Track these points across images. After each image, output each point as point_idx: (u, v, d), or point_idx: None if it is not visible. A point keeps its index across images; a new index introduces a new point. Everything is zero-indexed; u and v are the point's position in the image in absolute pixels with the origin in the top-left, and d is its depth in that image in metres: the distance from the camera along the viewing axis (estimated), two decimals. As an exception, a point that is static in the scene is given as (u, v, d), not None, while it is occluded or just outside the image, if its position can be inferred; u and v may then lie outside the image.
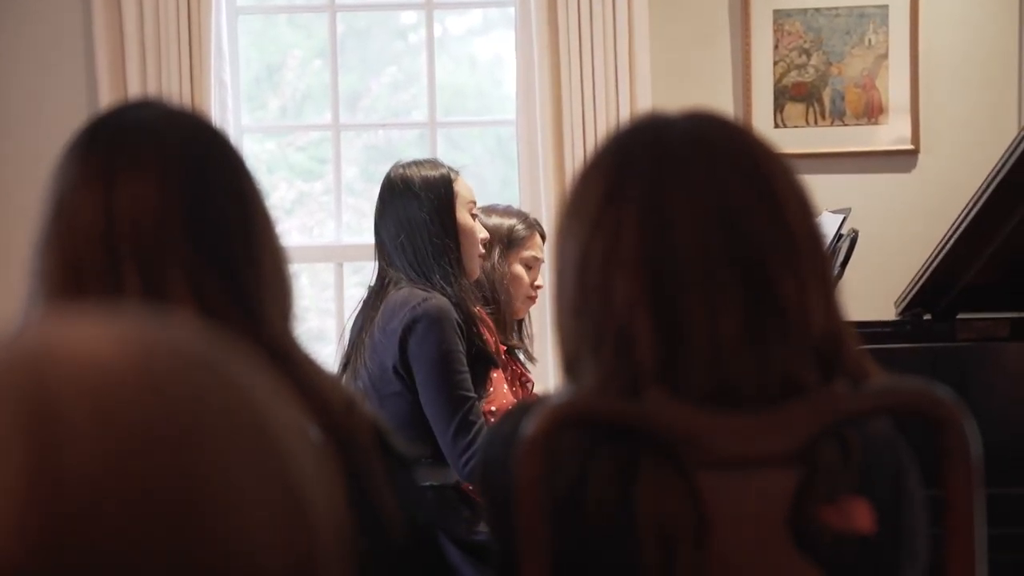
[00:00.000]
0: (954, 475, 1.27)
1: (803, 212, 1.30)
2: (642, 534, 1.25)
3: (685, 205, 1.27)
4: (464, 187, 3.08)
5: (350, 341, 3.03)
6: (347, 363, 3.00)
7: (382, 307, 2.94)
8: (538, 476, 1.26)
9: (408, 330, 2.87)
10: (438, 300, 2.89)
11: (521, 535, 1.27)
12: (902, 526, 1.35)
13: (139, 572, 0.54)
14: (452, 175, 3.07)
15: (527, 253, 3.40)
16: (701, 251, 1.26)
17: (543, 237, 3.50)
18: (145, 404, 0.57)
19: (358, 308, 3.07)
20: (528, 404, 1.38)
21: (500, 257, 3.34)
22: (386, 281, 2.99)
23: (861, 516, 1.28)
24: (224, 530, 0.56)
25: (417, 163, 3.09)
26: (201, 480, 0.56)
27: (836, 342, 1.29)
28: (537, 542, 1.26)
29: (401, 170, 3.06)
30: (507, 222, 3.41)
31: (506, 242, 3.36)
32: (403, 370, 2.89)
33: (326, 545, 0.61)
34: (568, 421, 1.27)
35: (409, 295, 2.91)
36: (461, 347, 2.89)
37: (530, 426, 1.25)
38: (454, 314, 2.89)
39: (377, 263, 3.06)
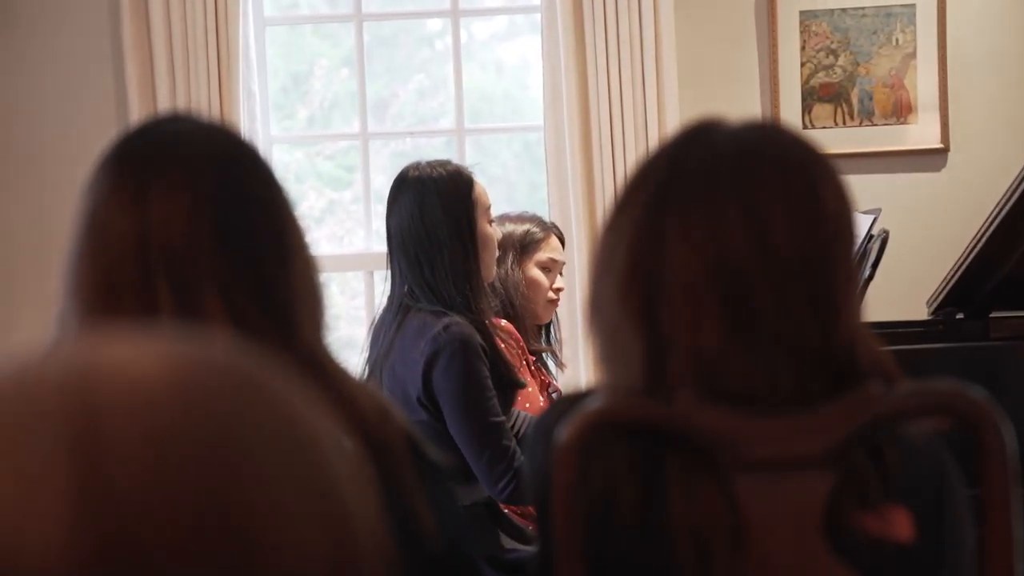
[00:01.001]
0: (990, 475, 1.26)
1: (804, 237, 1.30)
2: (676, 538, 1.25)
3: (676, 226, 1.29)
4: (482, 192, 2.94)
5: (371, 365, 2.92)
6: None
7: (400, 333, 2.84)
8: (573, 481, 1.26)
9: (431, 362, 2.78)
10: (460, 327, 2.78)
11: (557, 540, 1.27)
12: (944, 536, 1.34)
13: None
14: (472, 180, 2.92)
15: (544, 256, 3.34)
16: (686, 270, 1.28)
17: (562, 240, 3.45)
18: (189, 424, 0.57)
19: (375, 322, 2.97)
20: (566, 402, 1.39)
21: (514, 263, 3.27)
22: (402, 303, 2.87)
23: (901, 524, 1.28)
24: (270, 547, 0.56)
25: (433, 164, 2.92)
26: (246, 498, 0.56)
27: (848, 353, 1.29)
28: (573, 546, 1.26)
29: (417, 172, 2.90)
30: (520, 228, 3.34)
31: (519, 247, 3.30)
32: (428, 401, 2.81)
33: (368, 556, 0.61)
34: (602, 426, 1.28)
35: (429, 321, 2.81)
36: (486, 371, 2.80)
37: (564, 432, 1.26)
38: (476, 338, 2.80)
39: (390, 273, 2.94)
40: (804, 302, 1.28)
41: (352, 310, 5.17)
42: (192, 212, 1.31)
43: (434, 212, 2.85)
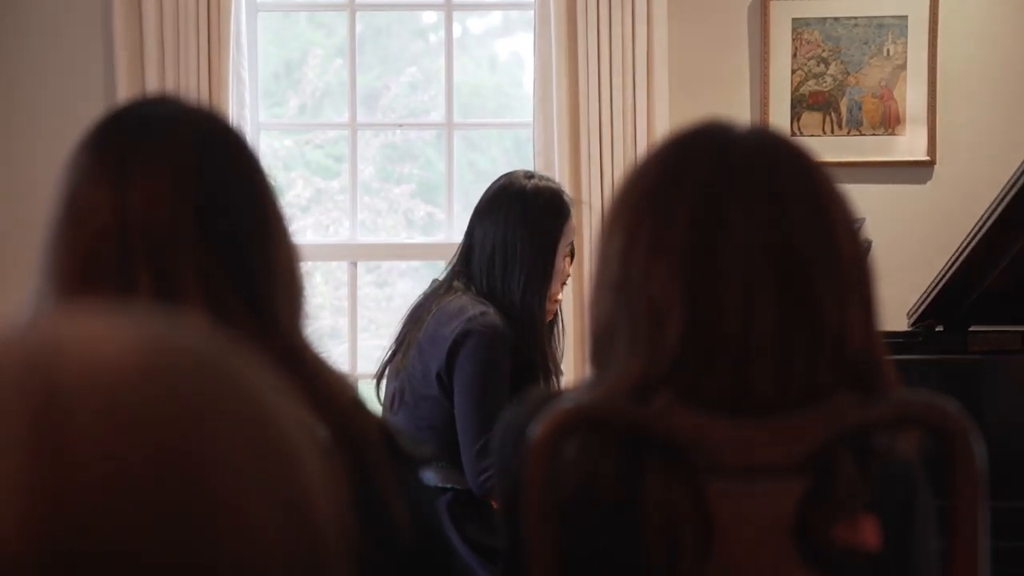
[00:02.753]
0: (960, 487, 1.27)
1: (851, 235, 1.32)
2: (647, 535, 1.26)
3: (740, 208, 1.29)
4: (573, 227, 3.01)
5: (404, 328, 2.97)
6: (392, 357, 2.96)
7: (436, 310, 2.89)
8: (545, 479, 1.26)
9: (459, 342, 2.82)
10: (494, 317, 2.84)
11: (528, 537, 1.27)
12: (911, 547, 1.35)
13: (141, 561, 0.54)
14: (570, 211, 2.97)
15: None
16: (748, 255, 1.27)
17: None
18: (151, 403, 0.57)
19: (420, 296, 3.01)
20: (536, 400, 1.39)
21: None
22: (452, 285, 2.93)
23: (868, 532, 1.29)
24: (227, 529, 0.56)
25: (543, 181, 2.97)
26: (205, 479, 0.56)
27: (873, 361, 1.30)
28: (544, 544, 1.27)
29: (528, 185, 2.95)
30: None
31: None
32: (446, 377, 2.86)
33: (330, 546, 0.61)
34: (576, 425, 1.28)
35: (466, 305, 2.86)
36: (507, 366, 2.85)
37: (537, 429, 1.26)
38: (507, 334, 2.84)
39: (457, 263, 2.98)
40: (858, 303, 1.30)
41: (336, 300, 5.16)
42: (173, 195, 1.30)
43: (531, 232, 2.91)
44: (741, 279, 1.27)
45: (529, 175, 2.99)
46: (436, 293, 2.95)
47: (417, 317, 2.94)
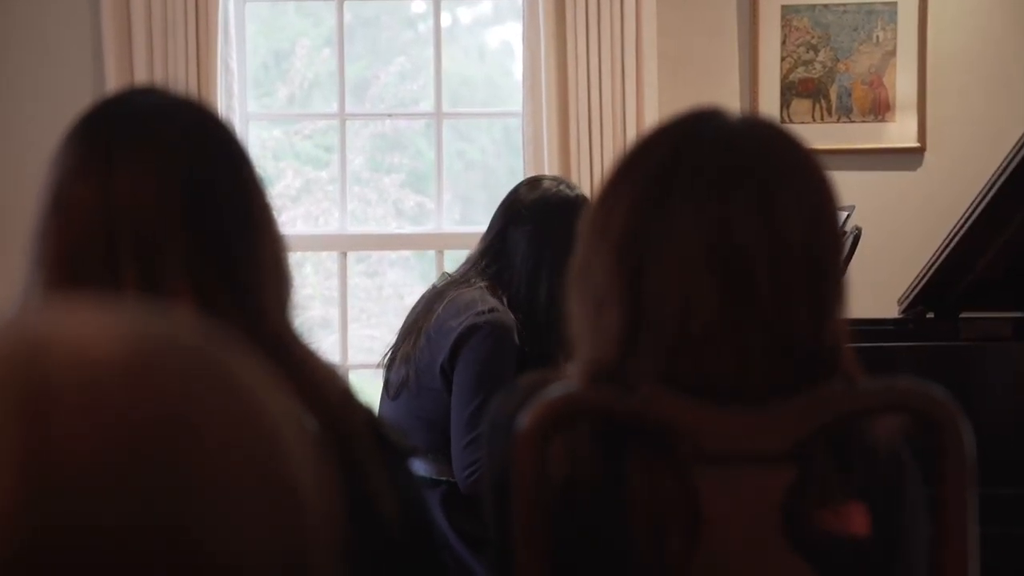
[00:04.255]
0: (948, 474, 1.27)
1: (811, 232, 1.30)
2: (634, 523, 1.26)
3: (680, 198, 1.28)
4: None
5: (411, 321, 2.95)
6: (401, 344, 2.94)
7: (448, 301, 2.87)
8: (534, 468, 1.26)
9: (465, 335, 2.81)
10: (504, 315, 2.82)
11: (517, 527, 1.27)
12: (899, 534, 1.35)
13: (127, 560, 0.54)
14: None
15: None
16: (684, 245, 1.27)
17: None
18: (137, 395, 0.57)
19: (432, 288, 2.98)
20: (524, 390, 1.39)
21: None
22: (468, 278, 2.90)
23: (856, 520, 1.29)
24: (213, 520, 0.56)
25: (581, 195, 2.94)
26: (190, 470, 0.56)
27: (828, 351, 1.29)
28: (532, 534, 1.27)
29: (572, 196, 2.91)
30: None
31: None
32: (449, 370, 2.84)
33: (319, 538, 0.61)
34: (563, 415, 1.28)
35: (477, 300, 2.84)
36: (511, 364, 2.82)
37: (525, 420, 1.26)
38: (514, 334, 2.82)
39: (482, 260, 2.93)
40: (804, 295, 1.28)
41: (326, 290, 5.16)
42: (159, 186, 1.30)
43: (564, 250, 2.87)
44: (678, 269, 1.27)
45: (559, 181, 2.97)
46: (453, 283, 2.92)
47: (430, 306, 2.92)
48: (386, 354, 3.00)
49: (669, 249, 1.27)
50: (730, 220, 1.27)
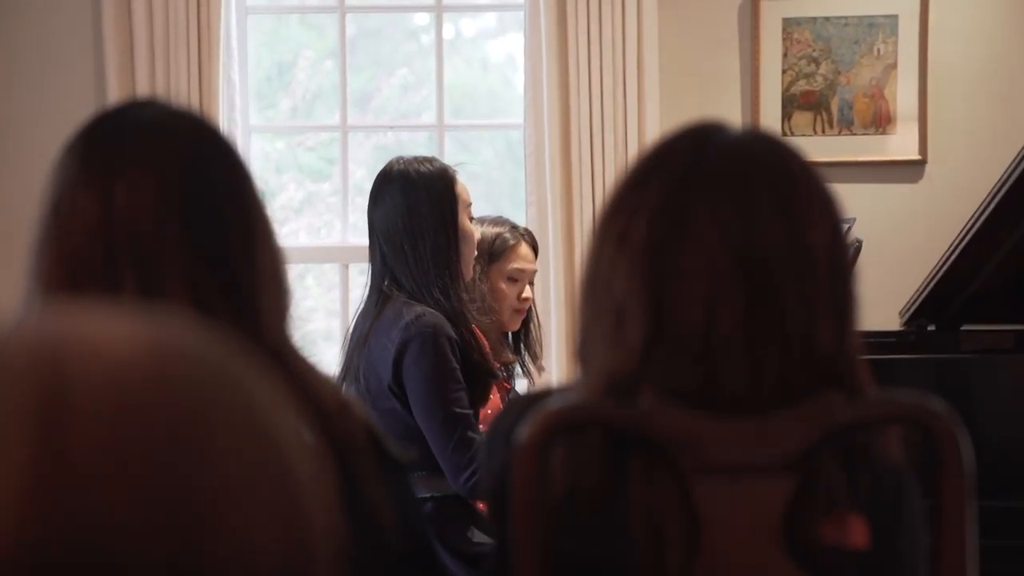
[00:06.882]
0: (946, 486, 1.27)
1: (827, 237, 1.30)
2: (634, 534, 1.26)
3: (703, 207, 1.28)
4: (463, 189, 2.99)
5: (348, 353, 2.96)
6: (344, 376, 2.94)
7: (377, 322, 2.88)
8: (533, 479, 1.26)
9: (401, 350, 2.81)
10: (431, 317, 2.82)
11: (517, 538, 1.27)
12: (899, 547, 1.35)
13: (137, 562, 0.55)
14: (454, 176, 2.98)
15: (511, 266, 3.30)
16: (708, 254, 1.27)
17: (534, 247, 3.40)
18: (153, 400, 0.58)
19: (356, 317, 3.00)
20: (525, 401, 1.39)
21: (482, 273, 3.23)
22: (382, 292, 2.92)
23: (856, 532, 1.29)
24: (222, 526, 0.57)
25: (418, 160, 2.99)
26: (202, 475, 0.57)
27: (845, 362, 1.30)
28: (533, 545, 1.27)
29: (402, 166, 2.96)
30: (491, 232, 3.30)
31: (487, 256, 3.25)
32: (397, 388, 2.84)
33: (321, 546, 0.62)
34: (563, 425, 1.28)
35: (402, 311, 2.84)
36: (456, 364, 2.83)
37: (525, 431, 1.26)
38: (448, 330, 2.83)
39: (372, 263, 2.98)
40: (828, 306, 1.29)
41: (328, 302, 5.16)
42: (158, 199, 1.30)
43: (420, 203, 2.91)
44: (703, 278, 1.27)
45: (400, 160, 3.00)
46: (369, 312, 2.94)
47: (360, 340, 2.92)
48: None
49: (694, 258, 1.27)
50: (753, 228, 1.27)
